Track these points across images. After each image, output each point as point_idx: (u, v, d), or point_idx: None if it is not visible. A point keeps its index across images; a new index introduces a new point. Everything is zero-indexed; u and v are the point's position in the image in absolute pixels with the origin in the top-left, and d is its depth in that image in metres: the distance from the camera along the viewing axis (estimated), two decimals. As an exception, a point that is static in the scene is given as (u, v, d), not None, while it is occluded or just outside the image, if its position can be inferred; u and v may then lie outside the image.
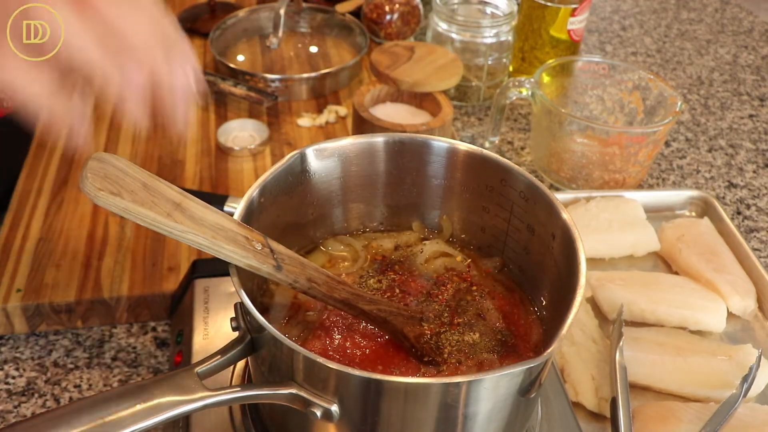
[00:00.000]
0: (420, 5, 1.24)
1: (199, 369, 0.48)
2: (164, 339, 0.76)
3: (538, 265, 0.61)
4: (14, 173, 0.91)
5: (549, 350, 0.47)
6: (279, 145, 1.00)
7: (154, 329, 0.77)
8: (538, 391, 0.54)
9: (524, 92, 0.96)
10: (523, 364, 0.46)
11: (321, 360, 0.45)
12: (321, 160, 0.62)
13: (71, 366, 0.72)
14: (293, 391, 0.48)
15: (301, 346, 0.53)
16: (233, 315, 0.54)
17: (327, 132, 1.04)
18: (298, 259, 0.53)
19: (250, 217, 0.55)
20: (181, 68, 0.50)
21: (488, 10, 1.17)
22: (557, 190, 0.98)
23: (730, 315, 0.78)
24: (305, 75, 1.10)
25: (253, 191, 0.56)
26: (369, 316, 0.55)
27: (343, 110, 1.07)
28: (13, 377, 0.71)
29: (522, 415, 0.55)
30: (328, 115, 1.06)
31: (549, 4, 1.10)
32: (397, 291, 0.61)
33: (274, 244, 0.51)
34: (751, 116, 1.18)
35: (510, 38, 1.12)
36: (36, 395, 0.69)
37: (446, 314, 0.59)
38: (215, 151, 0.98)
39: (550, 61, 1.01)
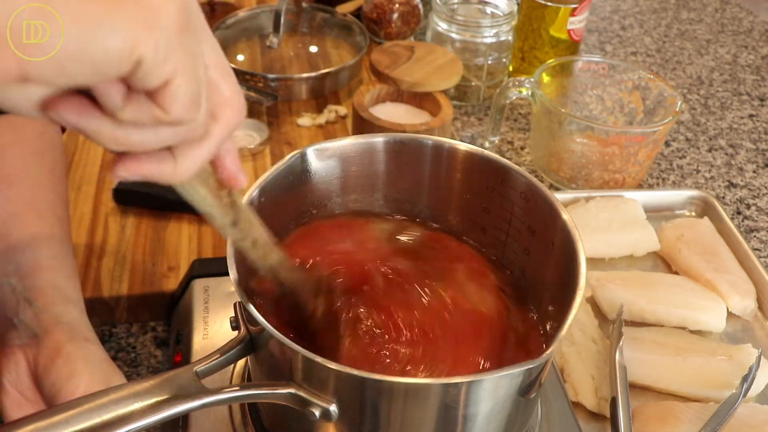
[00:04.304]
0: (420, 5, 1.24)
1: (198, 368, 0.48)
2: (164, 339, 0.76)
3: (539, 266, 0.60)
4: None
5: (549, 350, 0.47)
6: (279, 144, 1.00)
7: (153, 329, 0.77)
8: (538, 391, 0.54)
9: (524, 92, 0.96)
10: (522, 365, 0.46)
11: (320, 360, 0.45)
12: (321, 160, 0.62)
13: (71, 366, 0.72)
14: (292, 390, 0.48)
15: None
16: (233, 314, 0.54)
17: (327, 132, 1.04)
18: (249, 216, 0.49)
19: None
20: None
21: (488, 9, 1.17)
22: (557, 190, 0.98)
23: (730, 315, 0.77)
24: (305, 75, 1.10)
25: (253, 191, 0.56)
26: (283, 285, 0.54)
27: (343, 110, 1.07)
28: (13, 377, 0.71)
29: (522, 416, 0.55)
30: (328, 114, 1.06)
31: (549, 3, 1.10)
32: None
33: (237, 198, 0.47)
34: (751, 116, 1.18)
35: (510, 38, 1.12)
36: (35, 395, 0.69)
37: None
38: (215, 150, 0.98)
39: (550, 60, 1.01)
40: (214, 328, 0.67)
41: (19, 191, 0.59)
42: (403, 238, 0.65)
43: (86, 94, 0.33)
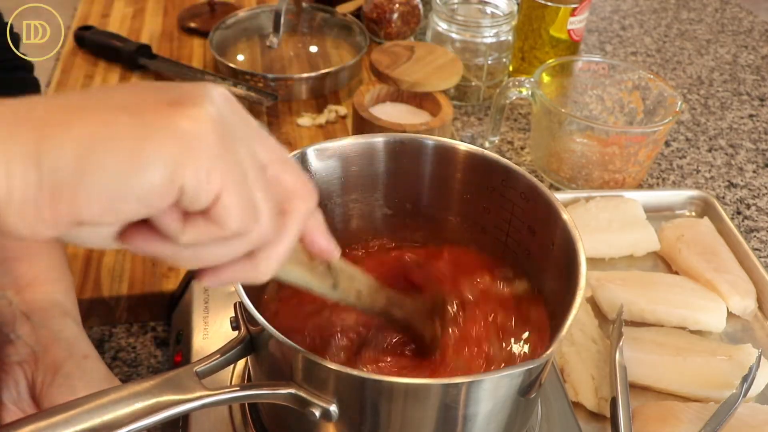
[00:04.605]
0: (420, 5, 1.24)
1: (197, 368, 0.48)
2: (164, 339, 0.76)
3: (539, 266, 0.60)
4: None
5: (549, 351, 0.47)
6: (279, 144, 1.00)
7: (153, 329, 0.77)
8: (538, 391, 0.54)
9: (524, 92, 0.96)
10: (523, 365, 0.46)
11: (320, 360, 0.45)
12: (321, 160, 0.62)
13: (71, 366, 0.72)
14: (292, 391, 0.48)
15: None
16: (233, 315, 0.54)
17: (327, 132, 1.04)
18: (348, 271, 0.50)
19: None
20: None
21: (488, 9, 1.17)
22: (557, 190, 0.98)
23: (730, 315, 0.77)
24: (305, 75, 1.10)
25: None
26: (398, 323, 0.55)
27: (343, 110, 1.07)
28: (13, 377, 0.71)
29: (522, 416, 0.55)
30: (328, 114, 1.06)
31: (549, 3, 1.10)
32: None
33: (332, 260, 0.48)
34: (751, 116, 1.18)
35: (510, 38, 1.12)
36: (35, 395, 0.69)
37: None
38: (215, 150, 0.98)
39: (550, 60, 1.01)
40: (214, 328, 0.67)
41: None
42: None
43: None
